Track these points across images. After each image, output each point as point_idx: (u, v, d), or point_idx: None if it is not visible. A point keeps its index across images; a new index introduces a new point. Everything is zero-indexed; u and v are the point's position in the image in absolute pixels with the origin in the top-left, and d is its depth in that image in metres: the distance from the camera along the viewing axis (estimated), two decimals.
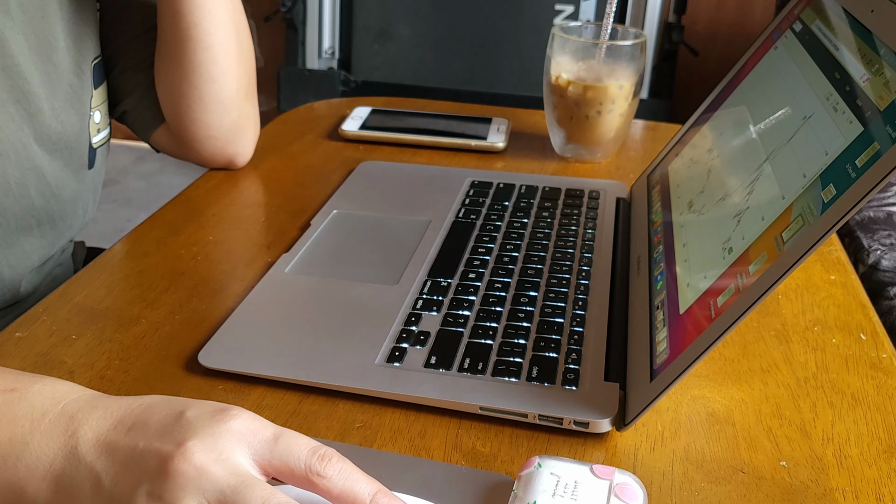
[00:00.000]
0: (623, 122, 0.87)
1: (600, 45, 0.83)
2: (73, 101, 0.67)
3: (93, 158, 0.72)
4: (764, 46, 0.65)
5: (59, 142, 0.66)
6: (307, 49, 2.24)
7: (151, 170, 2.70)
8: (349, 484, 0.38)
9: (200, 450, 0.37)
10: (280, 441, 0.38)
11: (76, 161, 0.69)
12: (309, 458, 0.38)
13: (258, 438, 0.38)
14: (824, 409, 0.52)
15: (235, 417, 0.39)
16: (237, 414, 0.39)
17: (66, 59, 0.66)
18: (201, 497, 0.36)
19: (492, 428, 0.50)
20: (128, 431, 0.39)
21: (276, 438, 0.38)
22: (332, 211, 0.75)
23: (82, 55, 0.68)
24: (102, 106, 0.72)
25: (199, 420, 0.38)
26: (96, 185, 0.74)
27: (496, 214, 0.74)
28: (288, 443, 0.38)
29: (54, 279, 0.76)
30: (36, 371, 0.53)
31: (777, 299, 0.64)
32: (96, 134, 0.71)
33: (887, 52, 0.44)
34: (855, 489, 0.46)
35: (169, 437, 0.38)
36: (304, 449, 0.38)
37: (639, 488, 0.42)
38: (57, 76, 0.66)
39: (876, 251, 1.21)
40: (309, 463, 0.38)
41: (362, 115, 0.98)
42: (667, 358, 0.47)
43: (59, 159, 0.67)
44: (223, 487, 0.36)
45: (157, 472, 0.36)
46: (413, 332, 0.56)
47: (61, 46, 0.66)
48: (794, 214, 0.44)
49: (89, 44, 0.68)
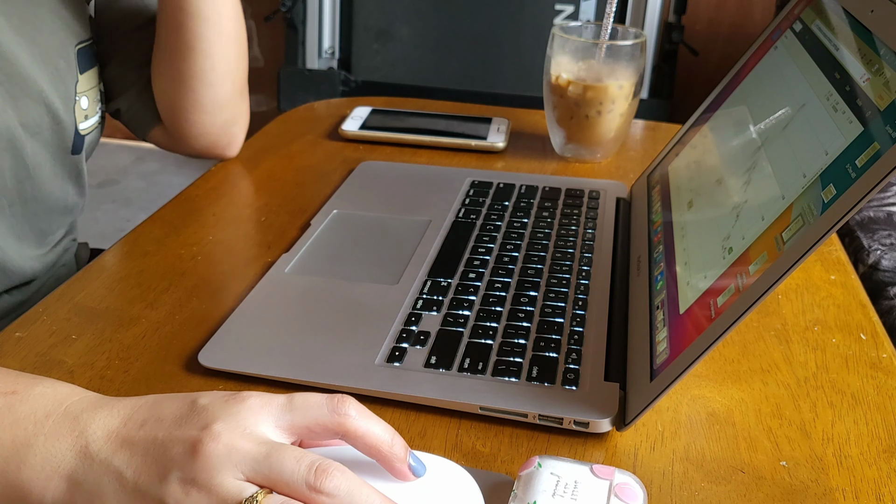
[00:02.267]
0: (623, 122, 0.87)
1: (600, 45, 0.83)
2: (58, 83, 0.67)
3: (79, 144, 0.71)
4: (764, 46, 0.65)
5: (42, 123, 0.66)
6: (307, 49, 2.24)
7: (151, 169, 2.70)
8: (370, 424, 0.39)
9: (226, 429, 0.37)
10: (295, 401, 0.40)
11: (59, 144, 0.68)
12: (330, 403, 0.39)
13: (275, 406, 0.39)
14: (824, 408, 0.52)
15: (248, 396, 0.40)
16: (248, 394, 0.40)
17: (51, 41, 0.66)
18: (237, 471, 0.36)
19: (492, 428, 0.50)
20: (141, 426, 0.39)
21: (291, 400, 0.40)
22: (332, 211, 0.75)
23: (67, 38, 0.67)
24: (91, 92, 0.71)
25: (214, 405, 0.39)
26: (80, 171, 0.73)
27: (496, 214, 0.74)
28: (303, 399, 0.40)
29: (58, 279, 0.76)
30: (36, 371, 0.53)
31: (777, 299, 0.64)
32: (84, 120, 0.71)
33: (887, 52, 0.44)
34: (855, 489, 0.46)
35: (189, 424, 0.38)
36: (321, 399, 0.40)
37: (639, 488, 0.42)
38: (41, 58, 0.65)
39: (876, 251, 1.21)
40: (332, 407, 0.39)
41: (362, 114, 0.98)
42: (667, 358, 0.47)
43: (40, 141, 0.66)
44: (256, 457, 0.37)
45: (187, 457, 0.37)
46: (413, 332, 0.56)
47: (46, 28, 0.65)
48: (794, 214, 0.44)
49: (75, 27, 0.68)
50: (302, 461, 0.37)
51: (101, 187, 2.59)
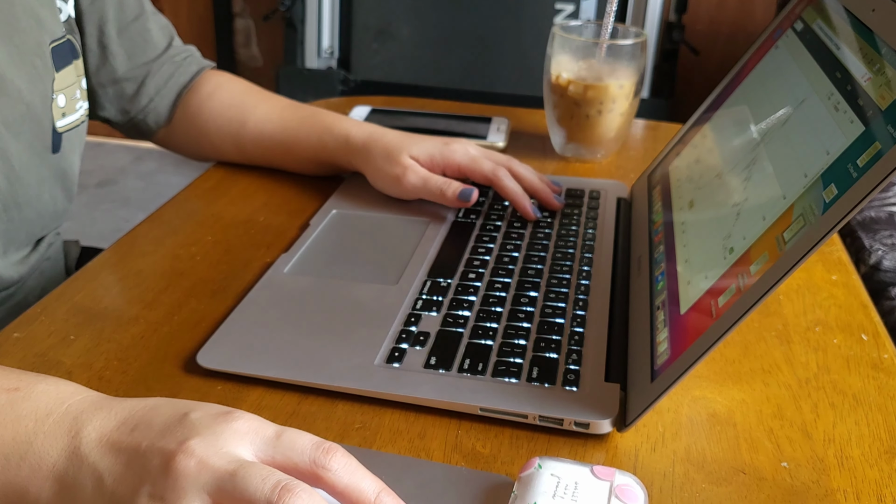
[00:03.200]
0: (624, 121, 0.86)
1: (601, 44, 0.83)
2: (37, 81, 0.67)
3: (57, 143, 0.71)
4: (765, 46, 0.65)
5: (23, 123, 0.66)
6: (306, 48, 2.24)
7: (150, 169, 2.70)
8: (355, 479, 0.38)
9: (201, 446, 0.37)
10: (283, 437, 0.38)
11: (39, 143, 0.68)
12: (313, 451, 0.38)
13: (261, 436, 0.38)
14: (825, 409, 0.52)
15: (238, 418, 0.39)
16: (240, 415, 0.39)
17: (27, 40, 0.66)
18: (202, 493, 0.36)
19: (492, 429, 0.49)
20: (131, 431, 0.39)
21: (279, 435, 0.38)
22: (331, 211, 0.75)
23: (41, 37, 0.67)
24: (68, 90, 0.71)
25: (202, 421, 0.38)
26: (64, 171, 0.73)
27: (496, 214, 0.74)
28: (291, 438, 0.38)
29: (42, 273, 0.76)
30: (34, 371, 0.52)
31: (778, 299, 0.64)
32: (61, 118, 0.71)
33: (888, 52, 0.44)
34: (856, 490, 0.46)
35: (171, 436, 0.38)
36: (308, 443, 0.38)
37: (639, 489, 0.42)
38: (19, 57, 0.65)
39: (877, 251, 1.21)
40: (313, 457, 0.38)
41: (362, 114, 0.97)
42: (668, 358, 0.47)
43: (24, 141, 0.66)
44: (222, 475, 0.36)
45: (160, 472, 0.37)
46: (413, 332, 0.56)
47: (22, 27, 0.65)
48: (795, 214, 0.44)
49: (48, 25, 0.68)
50: (268, 480, 0.36)
51: (99, 187, 2.58)
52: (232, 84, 0.84)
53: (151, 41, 0.80)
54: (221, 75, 0.85)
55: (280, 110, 0.82)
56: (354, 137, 0.77)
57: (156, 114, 0.81)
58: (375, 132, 0.77)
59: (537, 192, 0.75)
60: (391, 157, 0.74)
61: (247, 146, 0.82)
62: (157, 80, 0.81)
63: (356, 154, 0.77)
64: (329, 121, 0.79)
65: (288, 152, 0.81)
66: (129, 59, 0.79)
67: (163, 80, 0.81)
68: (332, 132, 0.78)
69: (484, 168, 0.74)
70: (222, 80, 0.84)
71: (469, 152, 0.75)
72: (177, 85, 0.82)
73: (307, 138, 0.79)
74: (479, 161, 0.74)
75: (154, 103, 0.81)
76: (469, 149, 0.75)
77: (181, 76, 0.82)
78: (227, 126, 0.82)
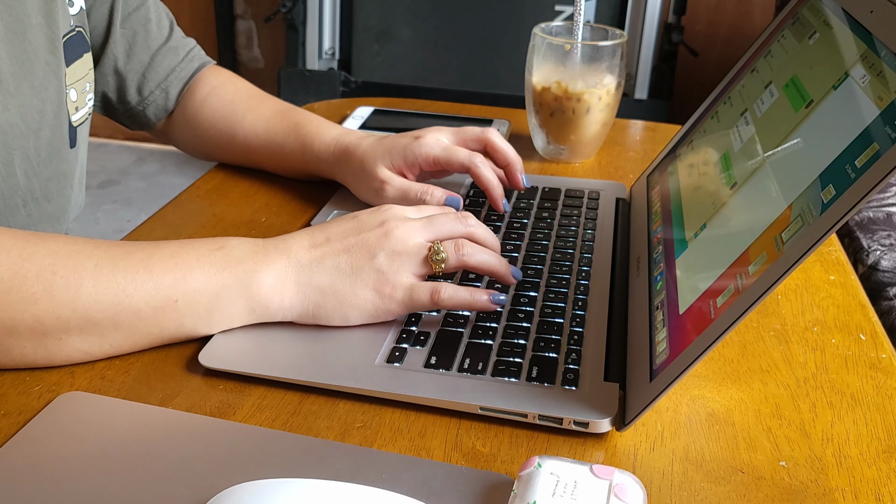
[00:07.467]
0: (604, 122, 0.86)
1: (574, 45, 0.83)
2: (51, 78, 0.67)
3: (73, 137, 0.71)
4: (763, 47, 0.65)
5: (41, 120, 0.66)
6: (307, 50, 2.24)
7: (152, 170, 2.70)
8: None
9: (394, 218, 0.57)
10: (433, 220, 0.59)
11: (58, 139, 0.69)
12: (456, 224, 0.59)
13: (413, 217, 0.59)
14: (824, 409, 0.52)
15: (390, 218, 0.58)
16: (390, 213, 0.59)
17: (40, 36, 0.66)
18: (423, 236, 0.57)
19: (492, 428, 0.50)
20: (327, 242, 0.56)
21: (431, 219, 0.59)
22: (332, 211, 0.75)
23: (54, 32, 0.67)
24: (78, 84, 0.72)
25: (370, 215, 0.58)
26: (81, 164, 0.73)
27: (496, 215, 0.74)
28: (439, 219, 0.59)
29: None
30: (34, 372, 0.53)
31: (776, 299, 0.64)
32: (74, 112, 0.71)
33: (887, 53, 0.44)
34: (854, 489, 0.46)
35: (368, 227, 0.57)
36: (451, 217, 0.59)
37: (638, 488, 0.42)
38: (34, 54, 0.65)
39: (875, 251, 1.21)
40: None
41: (363, 115, 0.98)
42: (666, 358, 0.48)
43: (43, 138, 0.67)
44: (425, 224, 0.57)
45: (384, 238, 0.56)
46: (413, 332, 0.56)
47: (34, 24, 0.66)
48: (793, 214, 0.44)
49: (59, 20, 0.68)
50: (456, 224, 0.59)
51: (101, 188, 2.59)
52: (227, 87, 0.84)
53: (152, 31, 0.80)
54: (220, 75, 0.85)
55: (266, 121, 0.81)
56: (332, 153, 0.76)
57: (155, 106, 0.81)
58: (350, 145, 0.75)
59: (511, 166, 0.75)
60: (366, 171, 0.73)
61: (237, 156, 0.83)
62: (159, 72, 0.80)
63: (335, 169, 0.77)
64: (312, 133, 0.78)
65: (276, 165, 0.81)
66: (131, 47, 0.78)
67: (164, 73, 0.80)
68: (313, 148, 0.77)
69: (460, 157, 0.72)
70: (220, 80, 0.84)
71: (441, 142, 0.73)
72: (178, 80, 0.81)
73: (291, 153, 0.79)
74: (454, 151, 0.72)
75: (154, 96, 0.81)
76: (441, 137, 0.73)
77: (182, 71, 0.82)
78: (217, 136, 0.82)
